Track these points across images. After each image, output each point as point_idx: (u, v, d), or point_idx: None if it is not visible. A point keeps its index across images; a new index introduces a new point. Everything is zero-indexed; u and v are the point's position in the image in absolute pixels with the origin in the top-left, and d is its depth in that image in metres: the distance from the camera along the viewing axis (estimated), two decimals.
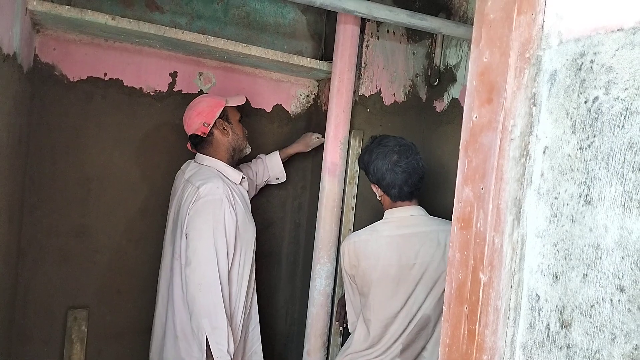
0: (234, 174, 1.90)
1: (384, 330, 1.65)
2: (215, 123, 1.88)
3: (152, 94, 2.11)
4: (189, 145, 1.98)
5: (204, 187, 1.73)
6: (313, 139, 2.25)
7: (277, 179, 2.28)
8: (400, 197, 1.69)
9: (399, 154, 1.67)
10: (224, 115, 1.91)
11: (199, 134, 1.87)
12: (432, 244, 1.64)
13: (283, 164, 2.24)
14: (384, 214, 1.75)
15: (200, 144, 1.91)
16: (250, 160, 2.23)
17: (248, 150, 2.04)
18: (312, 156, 2.40)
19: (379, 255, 1.63)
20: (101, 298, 2.10)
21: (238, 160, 2.02)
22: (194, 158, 1.96)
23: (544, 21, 0.73)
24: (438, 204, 2.02)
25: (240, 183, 1.92)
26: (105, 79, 2.02)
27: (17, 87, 1.62)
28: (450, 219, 1.71)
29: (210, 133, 1.88)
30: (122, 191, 2.09)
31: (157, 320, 1.91)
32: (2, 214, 1.58)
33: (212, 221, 1.71)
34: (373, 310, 1.64)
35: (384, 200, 1.75)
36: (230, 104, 1.94)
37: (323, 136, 2.15)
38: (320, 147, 2.21)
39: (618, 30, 0.62)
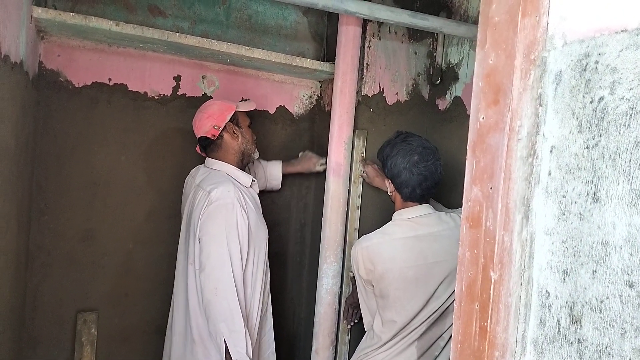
0: (245, 177, 1.91)
1: (404, 326, 1.65)
2: (225, 126, 1.89)
3: (156, 98, 2.12)
4: (197, 149, 2.00)
5: (215, 192, 1.74)
6: (317, 165, 2.26)
7: (272, 189, 2.30)
8: (411, 197, 1.69)
9: (420, 155, 1.66)
10: (234, 119, 1.93)
11: (209, 136, 1.88)
12: (450, 242, 1.63)
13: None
14: (392, 216, 1.74)
15: (209, 147, 1.92)
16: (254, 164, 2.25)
17: (256, 156, 2.05)
18: None
19: (395, 258, 1.62)
20: (109, 301, 2.12)
21: (246, 166, 2.03)
22: (203, 163, 1.97)
23: (548, 23, 0.74)
24: (443, 201, 2.03)
25: (250, 186, 1.93)
26: (110, 84, 2.04)
27: (23, 94, 1.63)
28: None
29: (220, 136, 1.89)
30: (128, 195, 2.11)
31: (174, 325, 1.90)
32: (10, 220, 1.59)
33: (224, 225, 1.72)
34: (395, 311, 1.64)
35: (395, 198, 1.75)
36: (241, 109, 1.95)
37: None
38: (325, 147, 2.22)
39: (622, 31, 0.63)
